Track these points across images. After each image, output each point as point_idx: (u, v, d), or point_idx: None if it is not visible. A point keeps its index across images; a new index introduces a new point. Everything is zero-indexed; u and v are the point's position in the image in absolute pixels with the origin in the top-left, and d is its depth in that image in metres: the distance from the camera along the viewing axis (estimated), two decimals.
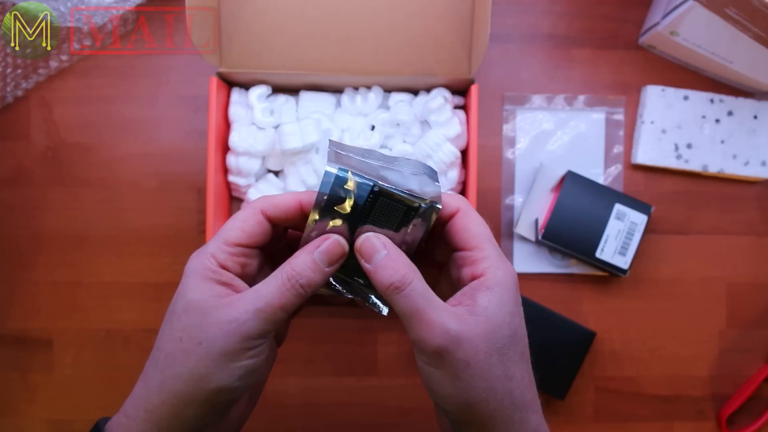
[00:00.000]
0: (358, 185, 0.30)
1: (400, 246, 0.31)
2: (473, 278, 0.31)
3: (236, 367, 0.29)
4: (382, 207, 0.31)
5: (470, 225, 0.32)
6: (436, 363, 0.29)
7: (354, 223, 0.31)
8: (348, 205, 0.31)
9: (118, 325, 0.58)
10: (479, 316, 0.29)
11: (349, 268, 0.33)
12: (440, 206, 0.31)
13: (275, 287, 0.30)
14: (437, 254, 0.35)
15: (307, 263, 0.30)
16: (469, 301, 0.30)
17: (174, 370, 0.29)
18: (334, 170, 0.30)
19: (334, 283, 0.33)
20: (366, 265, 0.31)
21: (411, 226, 0.31)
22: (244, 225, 0.31)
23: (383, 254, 0.30)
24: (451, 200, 0.32)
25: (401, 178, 0.32)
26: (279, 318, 0.30)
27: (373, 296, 0.33)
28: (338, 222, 0.31)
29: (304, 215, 0.32)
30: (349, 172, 0.30)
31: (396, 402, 0.59)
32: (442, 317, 0.29)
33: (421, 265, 0.31)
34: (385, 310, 0.33)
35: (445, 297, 0.30)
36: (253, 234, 0.31)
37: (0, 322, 0.58)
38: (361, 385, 0.59)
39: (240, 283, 0.31)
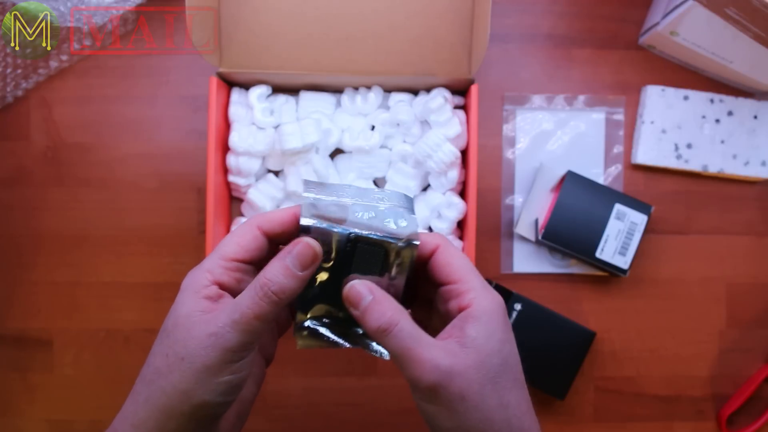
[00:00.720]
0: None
1: (387, 289, 0.32)
2: (460, 310, 0.31)
3: (219, 382, 0.29)
4: (361, 253, 0.31)
5: (451, 259, 0.32)
6: (431, 399, 0.29)
7: (339, 275, 0.32)
8: (330, 256, 0.31)
9: (118, 325, 0.58)
10: (469, 347, 0.30)
11: (347, 319, 0.33)
12: (417, 242, 0.32)
13: (248, 297, 0.30)
14: (424, 292, 0.35)
15: (279, 269, 0.30)
16: (458, 333, 0.30)
17: (159, 384, 0.30)
18: (308, 224, 0.31)
19: (334, 337, 0.34)
20: (355, 312, 0.31)
21: (394, 267, 0.32)
22: (241, 240, 0.32)
23: (369, 299, 0.31)
24: (429, 238, 0.33)
25: (376, 215, 0.32)
26: (256, 329, 0.30)
27: (373, 343, 0.33)
28: (324, 276, 0.32)
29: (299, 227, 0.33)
30: (324, 225, 0.31)
31: (396, 402, 0.59)
32: (432, 353, 0.29)
33: (415, 304, 0.31)
34: (386, 355, 0.33)
35: (439, 332, 0.31)
36: (249, 248, 0.32)
37: (0, 322, 0.58)
38: (361, 385, 0.59)
39: (228, 299, 0.31)
